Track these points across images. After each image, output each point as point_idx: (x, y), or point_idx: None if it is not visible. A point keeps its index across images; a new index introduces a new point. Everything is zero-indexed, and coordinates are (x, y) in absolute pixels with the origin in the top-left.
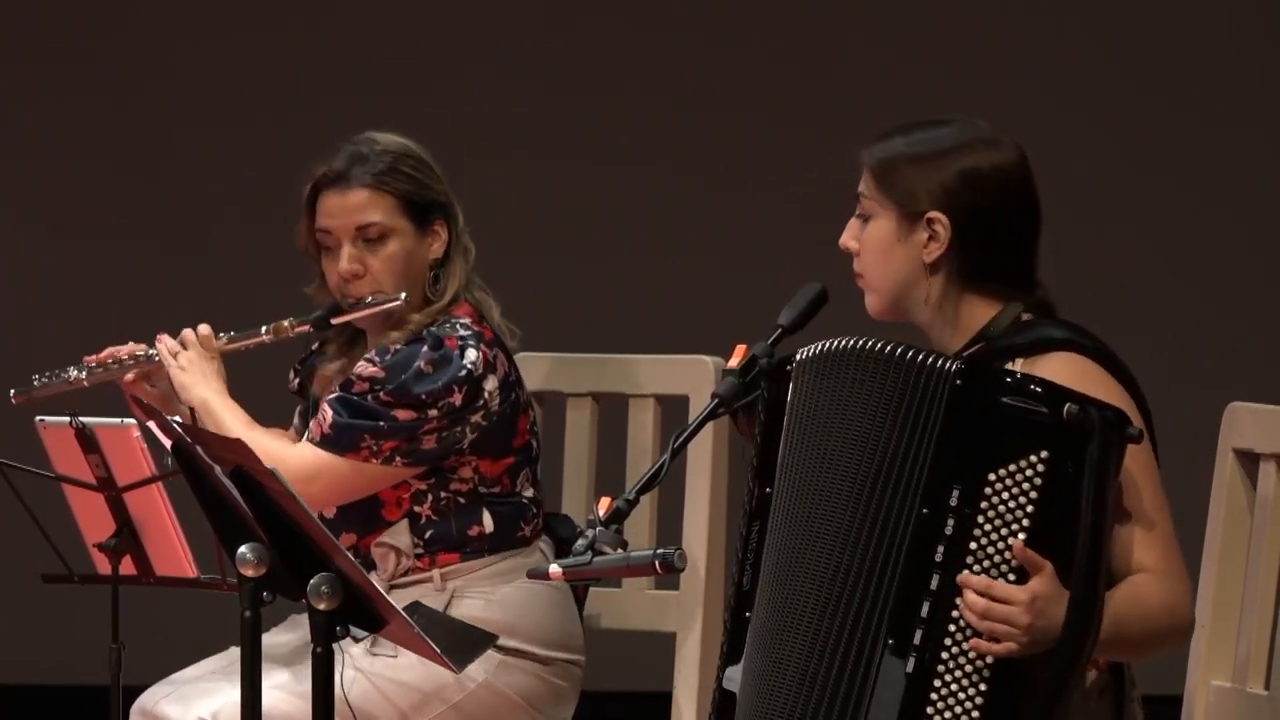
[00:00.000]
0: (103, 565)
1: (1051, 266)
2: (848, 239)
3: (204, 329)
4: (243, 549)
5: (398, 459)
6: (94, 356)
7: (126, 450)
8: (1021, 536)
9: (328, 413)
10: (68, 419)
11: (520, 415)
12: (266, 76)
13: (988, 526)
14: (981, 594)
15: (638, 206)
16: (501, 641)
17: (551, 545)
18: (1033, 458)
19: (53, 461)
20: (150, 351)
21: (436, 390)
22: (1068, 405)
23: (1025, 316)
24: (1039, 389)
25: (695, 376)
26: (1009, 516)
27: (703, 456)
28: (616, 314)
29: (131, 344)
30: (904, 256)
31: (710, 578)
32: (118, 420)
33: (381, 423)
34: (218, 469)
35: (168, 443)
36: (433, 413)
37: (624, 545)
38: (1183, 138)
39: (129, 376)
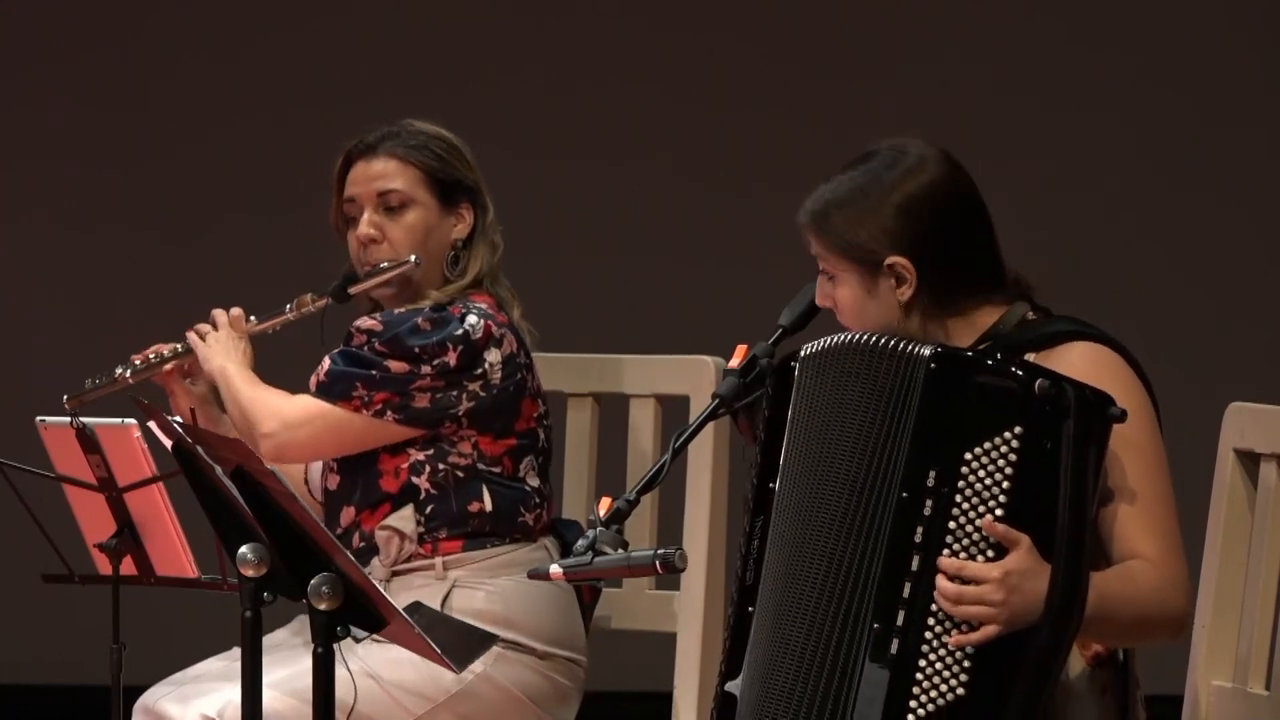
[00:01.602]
0: (103, 565)
1: (1053, 264)
2: (822, 299)
3: (235, 311)
4: (243, 549)
5: (389, 413)
6: (138, 355)
7: (127, 450)
8: (998, 512)
9: (325, 362)
10: (68, 419)
11: (526, 399)
12: (273, 76)
13: (965, 505)
14: (954, 577)
15: (638, 206)
16: (499, 634)
17: (558, 547)
18: (1006, 434)
19: (53, 461)
20: (187, 345)
21: (430, 346)
22: (1038, 380)
23: (1031, 315)
24: (1010, 367)
25: (696, 376)
26: (985, 494)
27: (703, 456)
28: (617, 314)
29: (173, 344)
30: (879, 307)
31: (711, 578)
32: (118, 420)
33: (374, 372)
34: (218, 469)
35: (168, 443)
36: (425, 369)
37: (624, 545)
38: (1186, 137)
39: (167, 369)
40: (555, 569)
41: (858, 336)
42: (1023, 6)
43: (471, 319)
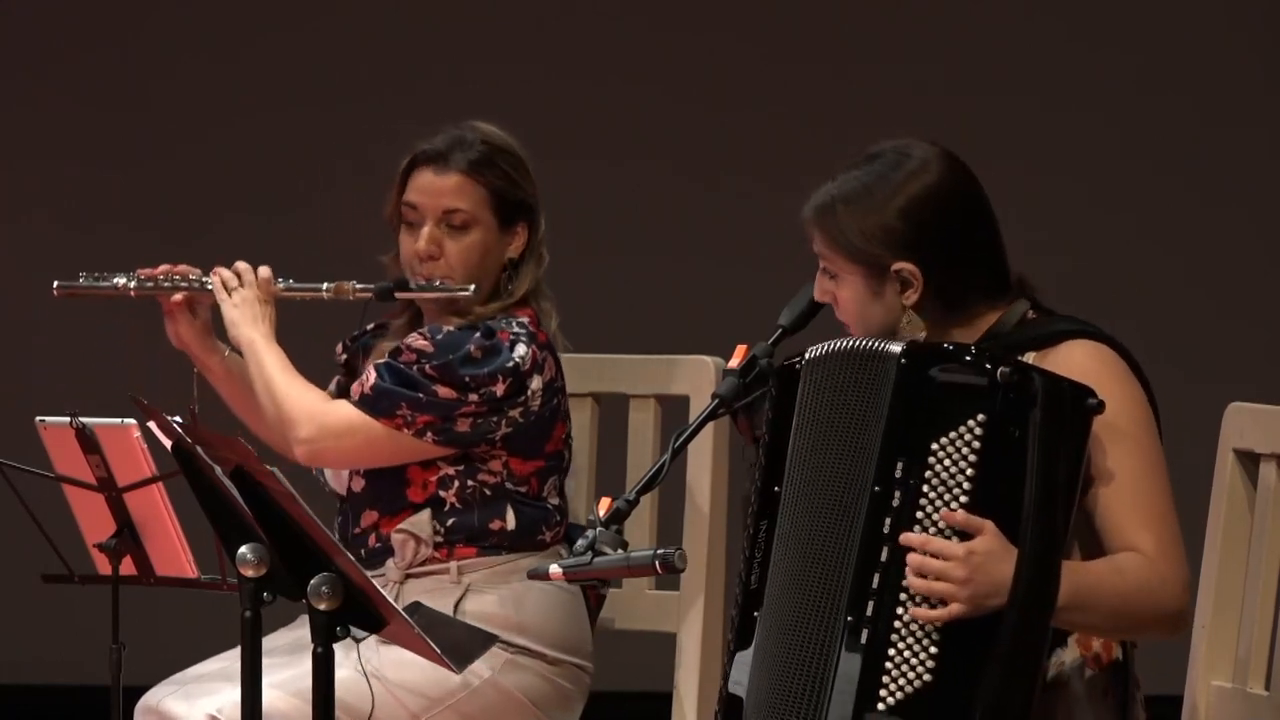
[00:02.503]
0: (103, 565)
1: (1055, 264)
2: (821, 295)
3: (264, 271)
4: (243, 549)
5: (429, 435)
6: (147, 270)
7: (127, 450)
8: (963, 500)
9: (371, 375)
10: (68, 419)
11: (558, 422)
12: (273, 76)
13: (932, 494)
14: (921, 552)
15: (638, 206)
16: (510, 639)
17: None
18: (970, 422)
19: (53, 461)
20: (205, 280)
21: (481, 376)
22: (1001, 369)
23: (1031, 314)
24: (974, 357)
25: (696, 376)
26: (951, 482)
27: (703, 456)
28: (617, 314)
29: (186, 266)
30: (883, 310)
31: (711, 578)
32: (118, 420)
33: (421, 395)
34: (218, 469)
35: (168, 443)
36: (473, 397)
37: (624, 545)
38: (1188, 136)
39: (176, 298)
40: (555, 569)
41: (852, 342)
42: (1023, 7)
43: (520, 349)
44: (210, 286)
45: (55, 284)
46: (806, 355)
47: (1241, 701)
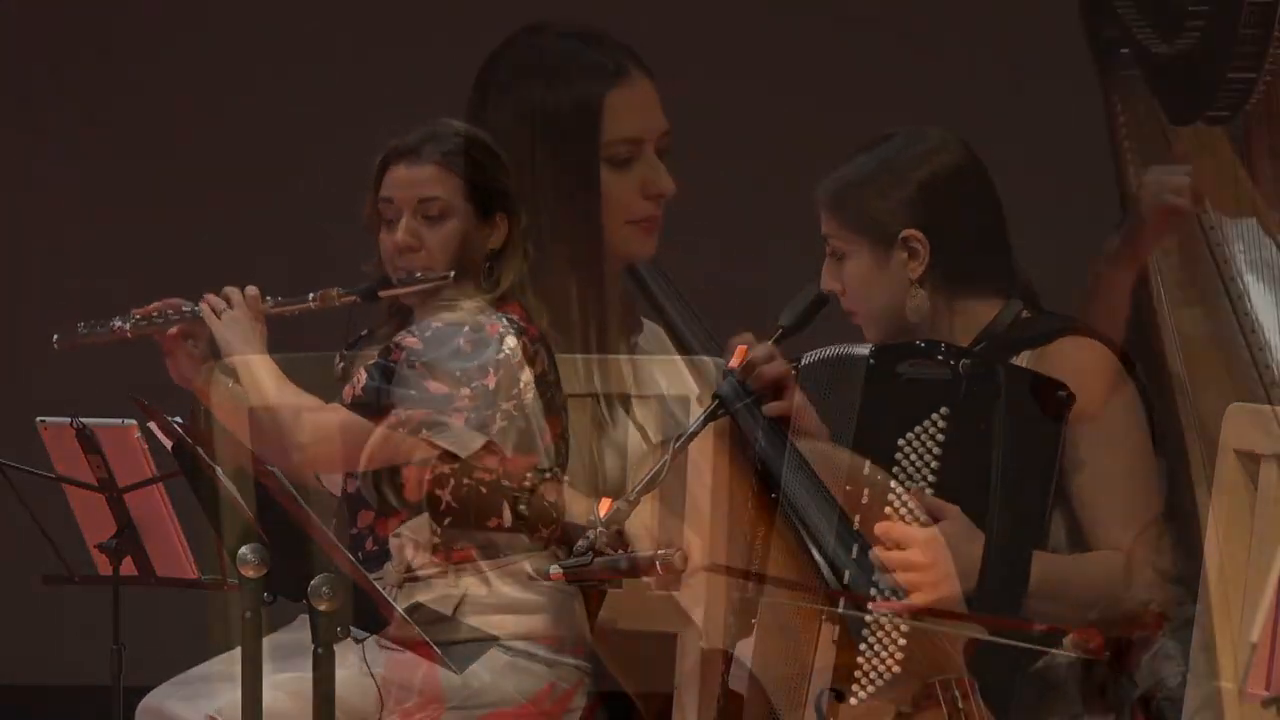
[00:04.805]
0: (103, 566)
1: (1056, 264)
2: (830, 283)
3: (251, 290)
4: (243, 549)
5: (424, 431)
6: (141, 309)
7: (127, 451)
8: (929, 491)
9: (362, 376)
10: (69, 419)
11: (553, 416)
12: (274, 76)
13: (898, 489)
14: (882, 540)
15: None
16: (509, 642)
17: (567, 554)
18: (934, 415)
19: (53, 462)
20: (196, 308)
21: (471, 369)
22: (963, 362)
23: (1025, 314)
24: (938, 354)
25: (696, 376)
26: (916, 475)
27: (703, 457)
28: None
29: (178, 299)
30: (889, 281)
31: (711, 578)
32: (118, 420)
33: (413, 392)
34: (218, 469)
35: (168, 443)
36: (465, 391)
37: (624, 546)
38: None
39: (171, 331)
40: (555, 570)
41: (834, 348)
42: (1039, 5)
43: (510, 341)
44: (200, 314)
45: (55, 337)
46: (801, 362)
47: (1242, 702)
